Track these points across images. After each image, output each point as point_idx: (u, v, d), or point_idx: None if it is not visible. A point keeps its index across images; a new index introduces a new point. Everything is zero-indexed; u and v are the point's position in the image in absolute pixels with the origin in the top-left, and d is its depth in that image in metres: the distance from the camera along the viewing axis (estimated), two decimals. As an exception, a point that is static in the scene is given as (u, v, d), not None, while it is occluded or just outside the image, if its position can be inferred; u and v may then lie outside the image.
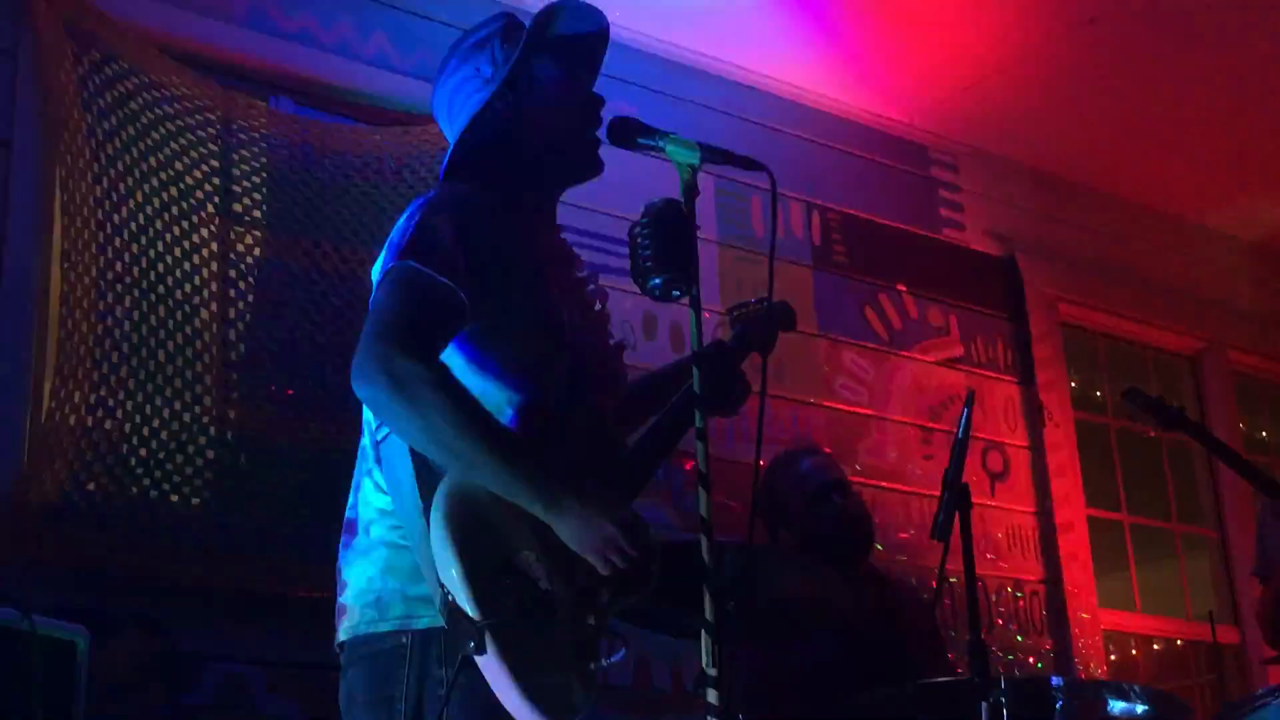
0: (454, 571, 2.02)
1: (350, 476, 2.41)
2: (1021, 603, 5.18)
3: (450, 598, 2.03)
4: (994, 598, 5.09)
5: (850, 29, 4.94)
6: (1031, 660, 5.09)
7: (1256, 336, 6.36)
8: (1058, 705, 3.08)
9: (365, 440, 2.35)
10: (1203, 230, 6.34)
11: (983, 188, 5.73)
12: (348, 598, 2.28)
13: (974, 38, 5.02)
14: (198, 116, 3.78)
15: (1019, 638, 5.13)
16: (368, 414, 2.33)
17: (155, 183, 3.67)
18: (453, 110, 2.53)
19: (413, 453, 2.17)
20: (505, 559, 2.10)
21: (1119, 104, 5.43)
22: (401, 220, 2.31)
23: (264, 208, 3.89)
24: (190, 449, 3.56)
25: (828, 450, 4.22)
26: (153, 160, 3.67)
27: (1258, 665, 5.42)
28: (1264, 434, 6.44)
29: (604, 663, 2.23)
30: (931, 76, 5.25)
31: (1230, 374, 6.25)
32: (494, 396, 2.26)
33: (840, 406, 4.99)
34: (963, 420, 2.88)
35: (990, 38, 5.02)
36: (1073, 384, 5.78)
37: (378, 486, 2.30)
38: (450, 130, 2.53)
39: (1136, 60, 5.16)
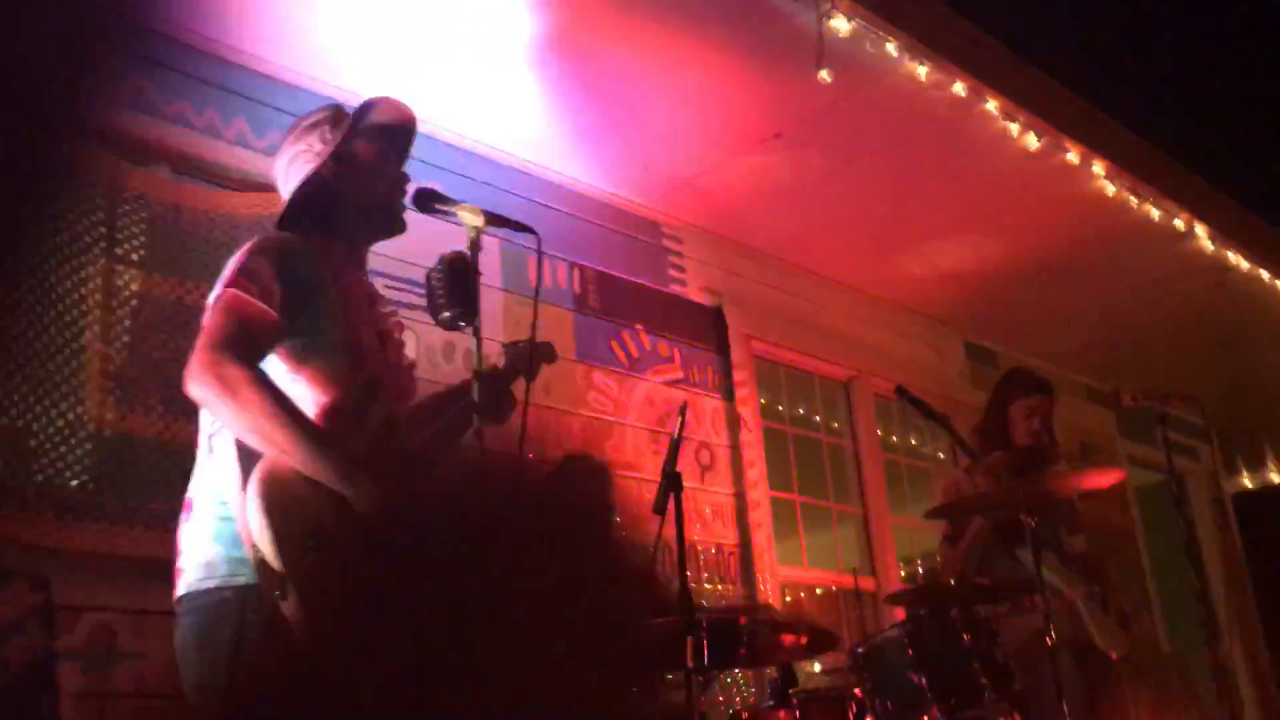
0: (263, 533, 1.92)
1: (197, 466, 2.26)
2: (721, 560, 5.22)
3: (260, 555, 1.92)
4: (702, 558, 5.11)
5: (608, 135, 4.93)
6: (727, 603, 5.12)
7: (890, 368, 6.54)
8: (744, 638, 3.09)
9: (202, 435, 2.21)
10: (853, 290, 6.50)
11: (700, 255, 5.76)
12: (183, 561, 2.15)
13: (693, 146, 5.06)
14: (88, 177, 3.53)
15: (719, 587, 5.16)
16: (203, 414, 2.19)
17: (49, 229, 3.41)
18: (288, 176, 2.43)
19: (236, 443, 2.05)
20: (308, 525, 2.00)
21: (797, 197, 5.53)
22: (232, 258, 2.20)
23: (143, 252, 3.65)
24: (73, 441, 3.31)
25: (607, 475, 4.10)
26: (48, 209, 3.42)
27: (884, 603, 5.57)
28: (894, 437, 6.64)
29: None
30: (664, 172, 5.27)
31: (871, 394, 6.41)
32: (304, 399, 2.16)
33: (592, 415, 4.95)
34: (678, 426, 2.88)
35: (704, 147, 5.07)
36: (762, 401, 5.84)
37: (208, 471, 2.17)
38: (285, 191, 2.42)
39: (811, 166, 5.26)
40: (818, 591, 5.99)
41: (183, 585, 2.15)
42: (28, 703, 2.67)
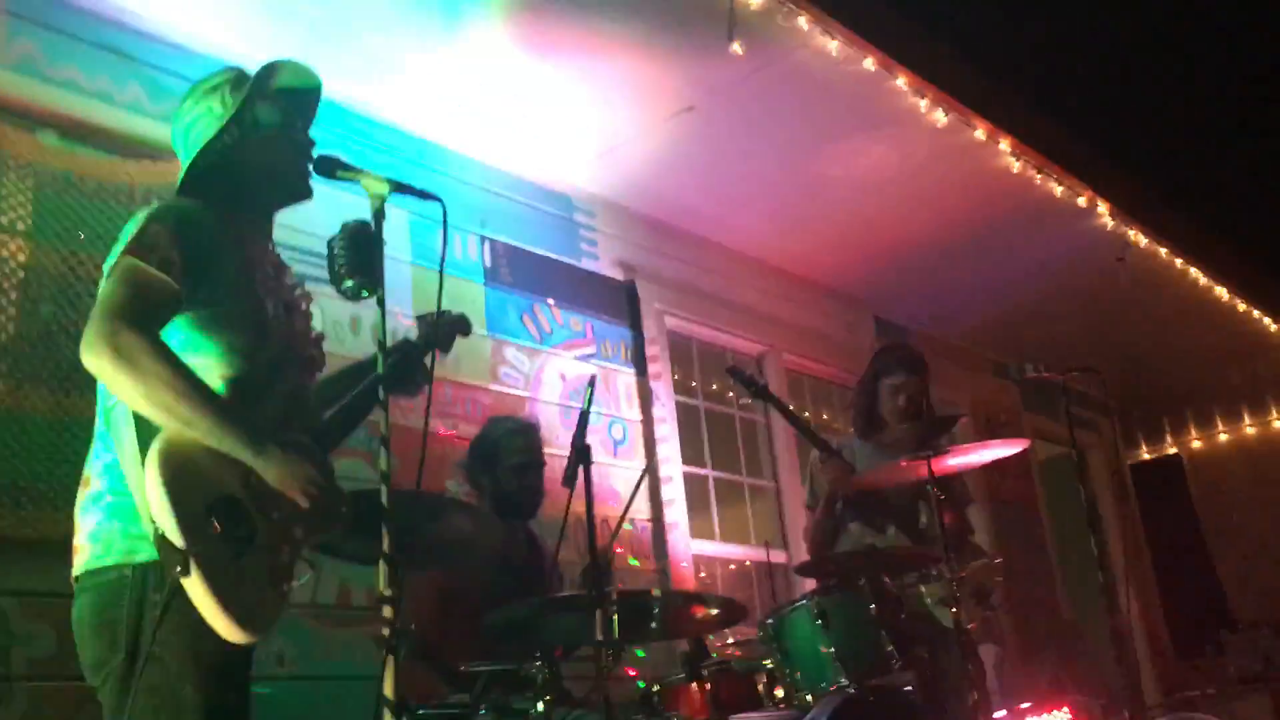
0: (163, 509, 1.87)
1: (95, 441, 2.19)
2: (635, 536, 5.22)
3: (160, 531, 1.87)
4: (615, 533, 5.10)
5: (518, 109, 4.87)
6: (643, 578, 5.14)
7: (801, 343, 6.61)
8: (655, 611, 3.07)
9: (99, 408, 2.14)
10: (766, 265, 6.54)
11: (612, 229, 5.74)
12: (80, 539, 2.08)
13: (604, 119, 5.03)
14: (-31, 143, 3.38)
15: (633, 561, 5.17)
16: (100, 387, 2.12)
17: (-72, 195, 3.26)
18: (188, 141, 2.36)
19: (134, 415, 1.99)
20: (211, 499, 1.95)
21: (710, 171, 5.53)
22: (129, 225, 2.13)
23: (29, 221, 3.51)
24: (-45, 419, 3.19)
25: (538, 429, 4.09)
26: (-74, 177, 3.27)
27: (794, 574, 5.63)
28: (807, 413, 6.70)
29: (294, 584, 2.09)
30: (574, 145, 5.23)
31: (784, 369, 6.46)
32: (209, 372, 2.10)
33: (504, 389, 4.91)
34: (586, 397, 2.86)
35: (615, 119, 5.04)
36: (675, 375, 5.85)
37: (105, 446, 2.10)
38: (185, 157, 2.35)
39: (721, 140, 5.26)
40: (731, 566, 6.03)
41: (79, 564, 2.08)
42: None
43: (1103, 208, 6.38)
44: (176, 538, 1.86)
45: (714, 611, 3.16)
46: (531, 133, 5.08)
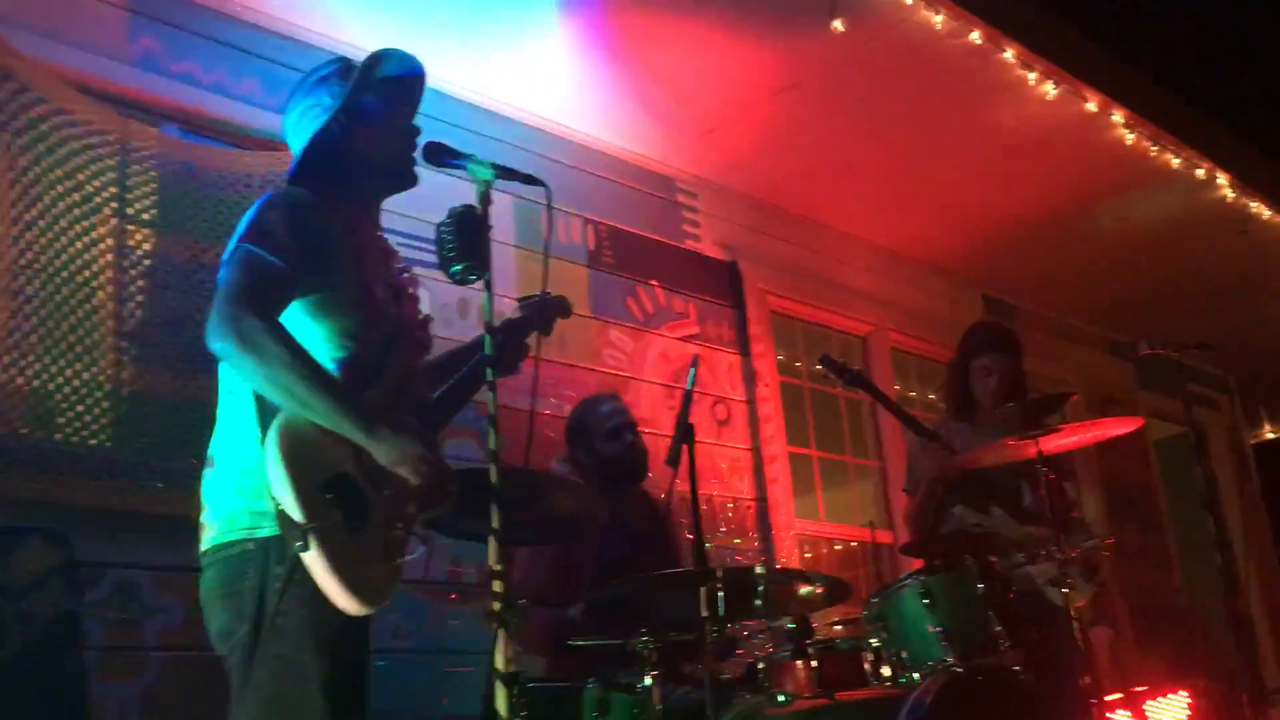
0: (283, 486, 1.95)
1: (218, 422, 2.29)
2: (738, 515, 5.24)
3: (280, 507, 1.95)
4: (718, 512, 5.13)
5: (619, 90, 4.90)
6: (742, 557, 5.15)
7: (907, 323, 6.54)
8: (759, 589, 3.08)
9: (221, 390, 2.24)
10: (870, 244, 6.47)
11: (714, 210, 5.74)
12: (206, 516, 2.19)
13: (708, 100, 5.03)
14: (98, 138, 3.52)
15: (737, 540, 5.19)
16: (222, 370, 2.21)
17: (61, 189, 3.42)
18: (298, 131, 2.44)
19: (255, 396, 2.07)
20: (327, 477, 2.03)
21: (813, 150, 5.49)
22: (246, 214, 2.21)
23: (154, 211, 3.66)
24: (89, 401, 3.34)
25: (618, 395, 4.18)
26: (59, 171, 3.42)
27: (900, 555, 5.59)
28: (913, 393, 6.64)
29: (407, 559, 2.17)
30: (678, 126, 5.25)
31: (889, 349, 6.40)
32: (320, 354, 2.18)
33: (607, 370, 4.96)
34: (690, 377, 2.88)
35: (718, 100, 5.04)
36: (779, 356, 5.84)
37: (229, 426, 2.19)
38: (296, 147, 2.43)
39: (823, 119, 5.22)
40: (836, 546, 6.01)
41: (206, 539, 2.18)
42: (53, 658, 2.71)
43: (1223, 179, 6.16)
44: (296, 514, 1.94)
45: (819, 590, 3.15)
46: (634, 115, 5.11)
